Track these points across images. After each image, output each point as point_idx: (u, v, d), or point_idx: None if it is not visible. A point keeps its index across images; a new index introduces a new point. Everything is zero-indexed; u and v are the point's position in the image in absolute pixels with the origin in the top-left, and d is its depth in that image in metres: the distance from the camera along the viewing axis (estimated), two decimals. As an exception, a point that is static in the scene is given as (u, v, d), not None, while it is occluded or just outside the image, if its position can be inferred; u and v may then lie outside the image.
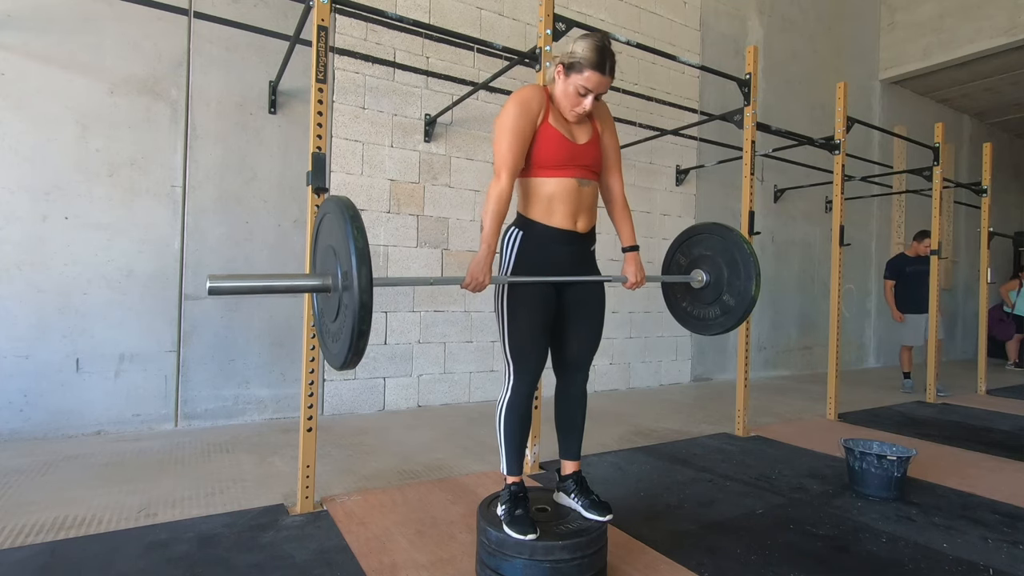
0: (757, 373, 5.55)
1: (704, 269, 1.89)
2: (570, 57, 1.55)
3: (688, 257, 1.96)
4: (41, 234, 2.81)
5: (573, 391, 1.76)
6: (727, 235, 1.90)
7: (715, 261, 1.87)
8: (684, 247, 2.00)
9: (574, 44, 1.57)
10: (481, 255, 1.53)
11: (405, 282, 1.62)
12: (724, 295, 1.82)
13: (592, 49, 1.53)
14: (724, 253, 1.86)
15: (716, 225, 1.97)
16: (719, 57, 5.22)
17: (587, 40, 1.55)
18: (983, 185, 5.16)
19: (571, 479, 1.69)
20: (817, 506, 2.21)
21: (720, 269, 1.85)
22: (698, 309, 1.91)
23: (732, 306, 1.81)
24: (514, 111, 1.56)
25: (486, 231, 1.56)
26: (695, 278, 1.89)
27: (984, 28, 6.13)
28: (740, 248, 1.83)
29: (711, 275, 1.87)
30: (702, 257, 1.91)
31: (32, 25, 2.79)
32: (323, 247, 1.37)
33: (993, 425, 3.80)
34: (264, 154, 3.34)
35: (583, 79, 1.55)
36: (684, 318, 1.97)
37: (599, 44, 1.54)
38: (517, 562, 1.41)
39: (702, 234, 1.97)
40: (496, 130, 1.59)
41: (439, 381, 3.85)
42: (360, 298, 1.14)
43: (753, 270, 1.78)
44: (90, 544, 1.72)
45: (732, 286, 1.81)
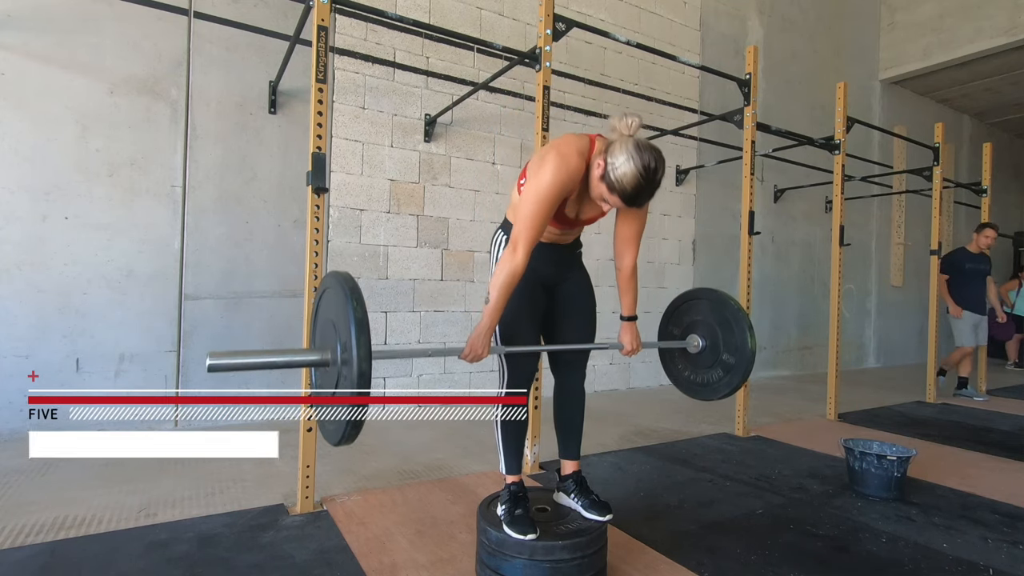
0: (757, 373, 5.53)
1: (698, 334, 1.90)
2: (612, 168, 1.40)
3: (680, 326, 1.98)
4: (41, 234, 2.81)
5: (571, 390, 1.77)
6: (712, 296, 1.92)
7: (707, 324, 1.89)
8: (675, 317, 2.01)
9: (624, 153, 1.38)
10: (483, 328, 1.47)
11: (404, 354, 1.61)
12: (723, 355, 1.83)
13: (632, 184, 1.38)
14: (714, 314, 1.88)
15: (699, 290, 2.00)
16: (719, 57, 5.22)
17: (634, 167, 1.37)
18: (983, 185, 5.16)
19: (571, 479, 1.69)
20: (817, 506, 2.21)
21: (714, 330, 1.87)
22: (701, 375, 1.92)
23: (733, 364, 1.81)
24: (555, 184, 1.42)
25: (491, 305, 1.46)
26: (691, 343, 1.91)
27: (984, 28, 6.13)
28: (728, 306, 1.85)
29: (706, 339, 1.88)
30: (694, 323, 1.94)
31: (32, 25, 2.79)
32: (323, 321, 1.36)
33: (993, 425, 3.80)
34: (264, 154, 3.34)
35: (612, 200, 1.45)
36: (690, 387, 1.97)
37: (641, 182, 1.38)
38: (517, 562, 1.41)
39: (688, 301, 1.99)
40: (529, 192, 1.44)
41: (439, 381, 3.85)
42: (359, 368, 1.11)
43: (745, 324, 1.80)
44: (90, 544, 1.72)
45: (728, 344, 1.82)
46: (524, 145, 4.17)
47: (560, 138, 1.53)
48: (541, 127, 2.50)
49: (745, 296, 3.25)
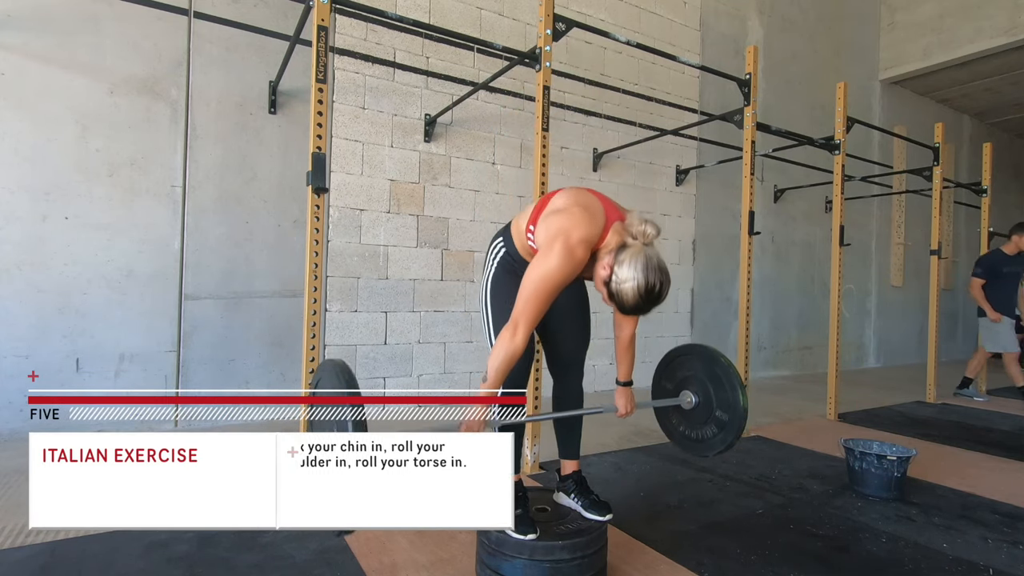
0: (757, 373, 5.55)
1: (691, 390, 1.91)
2: (616, 279, 1.40)
3: (673, 381, 1.99)
4: (41, 234, 2.81)
5: (569, 390, 1.77)
6: (702, 352, 1.93)
7: (699, 380, 1.90)
8: (667, 372, 2.01)
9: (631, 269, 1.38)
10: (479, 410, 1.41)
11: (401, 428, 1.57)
12: (716, 411, 1.84)
13: (631, 303, 1.40)
14: (705, 370, 1.89)
15: (689, 346, 2.01)
16: (719, 57, 5.22)
17: (636, 287, 1.37)
18: (983, 185, 5.16)
19: (571, 479, 1.69)
20: (817, 506, 2.21)
21: (705, 386, 1.88)
22: (695, 430, 1.93)
23: (726, 421, 1.82)
24: (560, 273, 1.39)
25: (489, 385, 1.41)
26: (684, 399, 1.91)
27: (984, 28, 6.13)
28: (717, 363, 1.86)
29: (699, 395, 1.89)
30: (686, 379, 1.94)
31: (32, 25, 2.79)
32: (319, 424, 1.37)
33: (993, 425, 3.80)
34: (264, 154, 3.34)
35: (609, 304, 1.46)
36: (685, 443, 1.97)
37: (641, 302, 1.39)
38: (517, 562, 1.41)
39: (679, 357, 1.99)
40: (533, 276, 1.39)
41: (439, 381, 3.85)
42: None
43: (736, 381, 1.81)
44: (90, 544, 1.72)
45: (720, 400, 1.83)
46: (524, 145, 4.17)
47: (571, 219, 1.44)
48: (541, 127, 2.50)
49: (745, 296, 3.25)
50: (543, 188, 2.53)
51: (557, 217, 1.47)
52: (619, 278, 1.39)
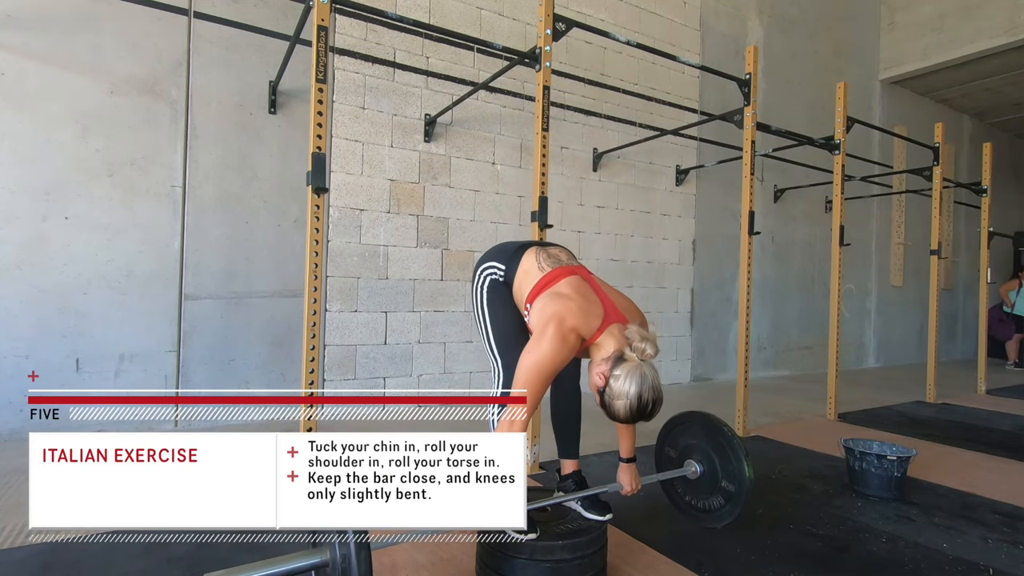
0: (757, 373, 5.55)
1: (695, 459, 1.91)
2: (609, 392, 1.41)
3: (676, 449, 1.98)
4: (41, 234, 2.81)
5: (567, 388, 1.77)
6: (704, 421, 1.92)
7: (702, 449, 1.89)
8: (671, 439, 2.01)
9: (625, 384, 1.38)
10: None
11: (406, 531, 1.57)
12: (722, 482, 1.84)
13: (623, 415, 1.41)
14: (708, 439, 1.88)
15: (690, 413, 1.99)
16: (719, 57, 5.22)
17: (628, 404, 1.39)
18: (983, 185, 5.16)
19: (571, 479, 1.69)
20: (817, 506, 2.21)
21: (710, 456, 1.87)
22: (701, 500, 1.92)
23: (733, 492, 1.81)
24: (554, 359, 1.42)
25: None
26: (689, 469, 1.90)
27: (984, 28, 6.13)
28: (721, 432, 1.85)
29: (703, 465, 1.88)
30: (689, 447, 1.93)
31: (32, 25, 2.79)
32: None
33: (993, 425, 3.80)
34: (264, 154, 3.34)
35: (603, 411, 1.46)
36: (691, 512, 1.95)
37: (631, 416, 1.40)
38: (517, 562, 1.41)
39: (681, 424, 1.98)
40: (528, 361, 1.42)
41: (439, 381, 3.85)
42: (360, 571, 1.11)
43: (740, 451, 1.80)
44: (90, 544, 1.72)
45: (726, 471, 1.83)
46: (524, 145, 4.17)
47: (566, 306, 1.46)
48: (541, 127, 2.50)
49: (745, 296, 3.25)
50: (543, 188, 2.53)
51: (553, 302, 1.48)
52: (613, 392, 1.40)
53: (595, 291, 1.56)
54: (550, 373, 1.43)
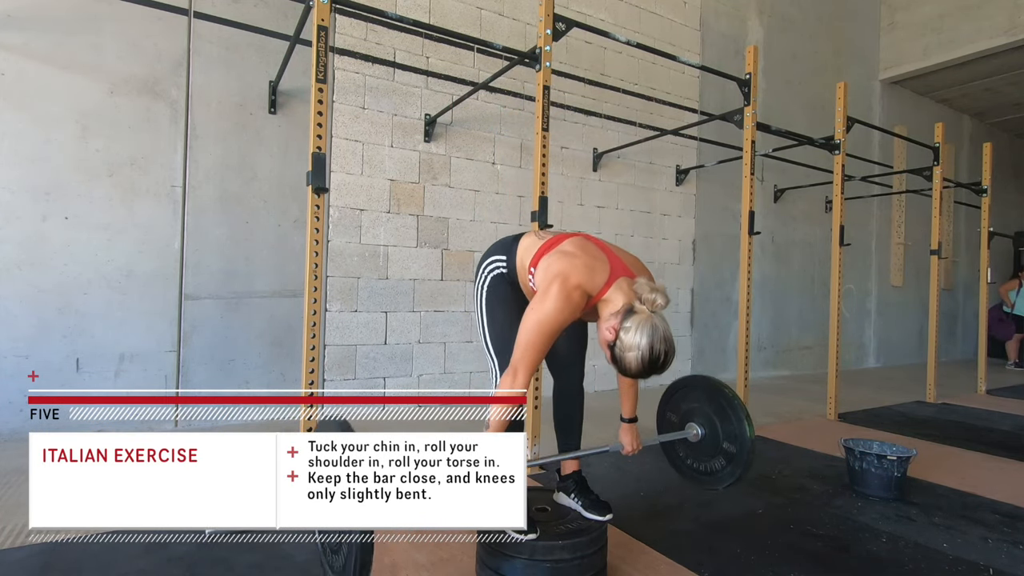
0: (757, 373, 5.54)
1: (697, 422, 1.90)
2: (620, 345, 1.38)
3: (678, 413, 1.98)
4: (41, 234, 2.81)
5: (569, 389, 1.77)
6: (705, 384, 1.92)
7: (704, 412, 1.89)
8: (672, 404, 2.01)
9: (636, 336, 1.35)
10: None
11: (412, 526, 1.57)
12: (723, 443, 1.84)
13: (634, 369, 1.38)
14: (709, 402, 1.88)
15: (691, 377, 2.00)
16: (719, 57, 5.22)
17: (640, 356, 1.36)
18: (983, 185, 5.16)
19: (571, 479, 1.69)
20: (817, 506, 2.21)
21: (711, 418, 1.87)
22: (702, 463, 1.92)
23: (734, 453, 1.81)
24: (557, 318, 1.39)
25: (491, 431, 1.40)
26: (690, 432, 1.91)
27: (984, 28, 6.12)
28: (721, 394, 1.85)
29: (705, 427, 1.88)
30: (691, 410, 1.94)
31: (32, 25, 2.79)
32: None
33: (993, 425, 3.80)
34: (264, 154, 3.34)
35: (611, 364, 1.44)
36: (693, 476, 1.96)
37: (643, 369, 1.37)
38: (517, 562, 1.41)
39: (683, 389, 1.99)
40: (530, 320, 1.41)
41: (439, 381, 3.85)
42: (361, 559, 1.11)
43: (741, 412, 1.80)
44: (90, 544, 1.72)
45: (727, 432, 1.83)
46: (524, 145, 4.17)
47: (571, 264, 1.45)
48: (541, 127, 2.50)
49: (745, 296, 3.25)
50: (543, 188, 2.53)
51: (558, 260, 1.47)
52: (624, 344, 1.37)
53: (600, 249, 1.54)
54: (553, 332, 1.41)
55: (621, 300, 1.43)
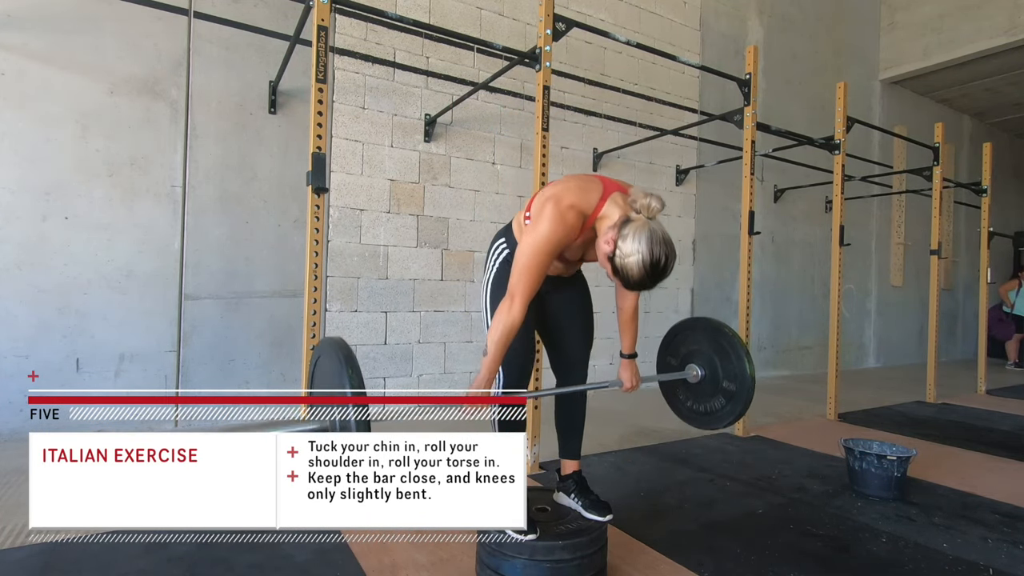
0: (757, 373, 5.54)
1: (696, 363, 1.90)
2: (620, 254, 1.36)
3: (678, 357, 1.98)
4: (41, 234, 2.81)
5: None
6: (706, 325, 1.93)
7: (703, 353, 1.89)
8: (671, 348, 2.01)
9: (635, 242, 1.34)
10: (481, 381, 1.44)
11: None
12: (723, 382, 1.84)
13: (636, 277, 1.36)
14: (709, 342, 1.88)
15: (692, 319, 2.01)
16: (719, 57, 5.22)
17: (641, 261, 1.34)
18: (983, 185, 5.16)
19: (571, 479, 1.69)
20: (817, 506, 2.21)
21: (711, 359, 1.87)
22: (702, 404, 1.92)
23: (734, 391, 1.81)
24: (551, 239, 1.39)
25: (489, 358, 1.43)
26: (690, 373, 1.91)
27: (984, 28, 6.12)
28: (721, 333, 1.86)
29: (705, 368, 1.88)
30: (691, 353, 1.94)
31: (32, 25, 2.79)
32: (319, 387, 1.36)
33: (993, 425, 3.80)
34: (264, 154, 3.34)
35: (613, 279, 1.43)
36: (692, 417, 1.96)
37: (646, 277, 1.35)
38: (517, 562, 1.41)
39: (682, 332, 1.99)
40: (525, 246, 1.41)
41: (439, 381, 3.85)
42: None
43: (741, 350, 1.81)
44: (90, 544, 1.72)
45: (727, 371, 1.83)
46: (524, 145, 4.17)
47: (564, 186, 1.46)
48: (541, 127, 2.50)
49: (745, 296, 3.25)
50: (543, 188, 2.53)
51: (549, 188, 1.50)
52: (623, 252, 1.35)
53: (589, 175, 1.56)
54: (548, 254, 1.40)
55: (617, 214, 1.42)
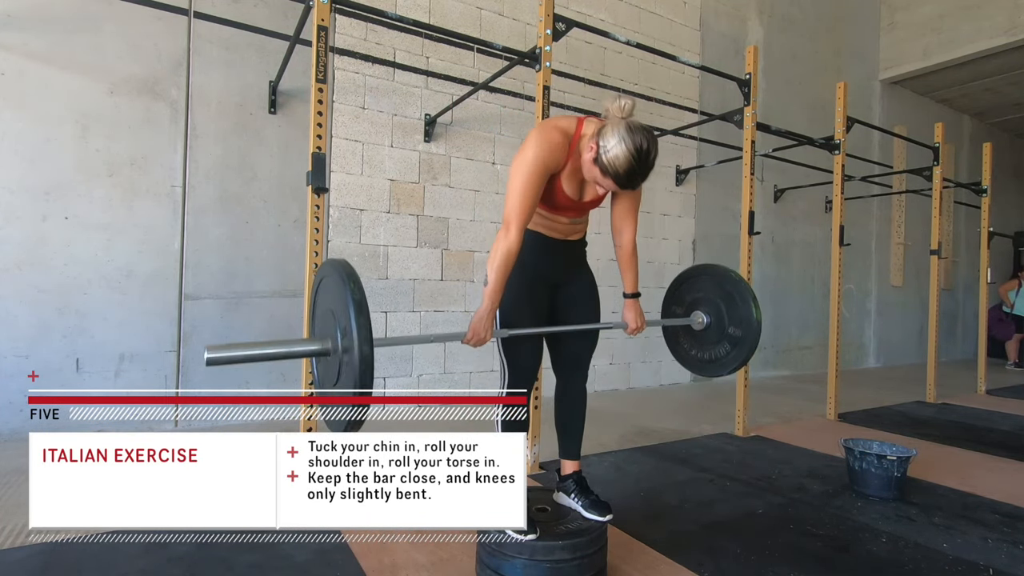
0: (757, 373, 5.54)
1: (702, 310, 1.89)
2: (604, 151, 1.40)
3: (683, 305, 1.97)
4: (41, 234, 2.81)
5: (572, 391, 1.77)
6: (713, 271, 1.92)
7: (710, 300, 1.88)
8: (677, 296, 2.00)
9: (616, 135, 1.39)
10: (484, 310, 1.48)
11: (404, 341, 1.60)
12: (729, 328, 1.82)
13: (625, 167, 1.39)
14: (715, 289, 1.87)
15: (700, 266, 2.00)
16: (719, 57, 5.22)
17: (626, 150, 1.38)
18: (983, 185, 5.16)
19: (571, 479, 1.69)
20: (817, 506, 2.21)
21: (717, 306, 1.85)
22: (707, 351, 1.90)
23: (740, 336, 1.80)
24: (537, 158, 1.44)
25: (490, 286, 1.46)
26: (695, 320, 1.89)
27: (984, 28, 6.12)
28: (729, 279, 1.84)
29: (710, 315, 1.87)
30: (696, 300, 1.93)
31: (32, 25, 2.79)
32: (322, 311, 1.34)
33: (993, 425, 3.80)
34: (264, 154, 3.34)
35: (606, 183, 1.46)
36: (697, 365, 1.95)
37: (634, 164, 1.39)
38: (517, 562, 1.41)
39: (690, 278, 1.98)
40: (513, 172, 1.46)
41: (439, 381, 3.85)
42: (360, 351, 1.10)
43: (748, 295, 1.79)
44: (90, 544, 1.72)
45: (733, 317, 1.81)
46: (524, 145, 4.16)
47: (544, 122, 1.59)
48: (541, 127, 2.49)
49: (745, 296, 3.25)
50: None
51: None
52: (606, 148, 1.40)
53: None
54: (538, 174, 1.45)
55: (596, 126, 1.48)
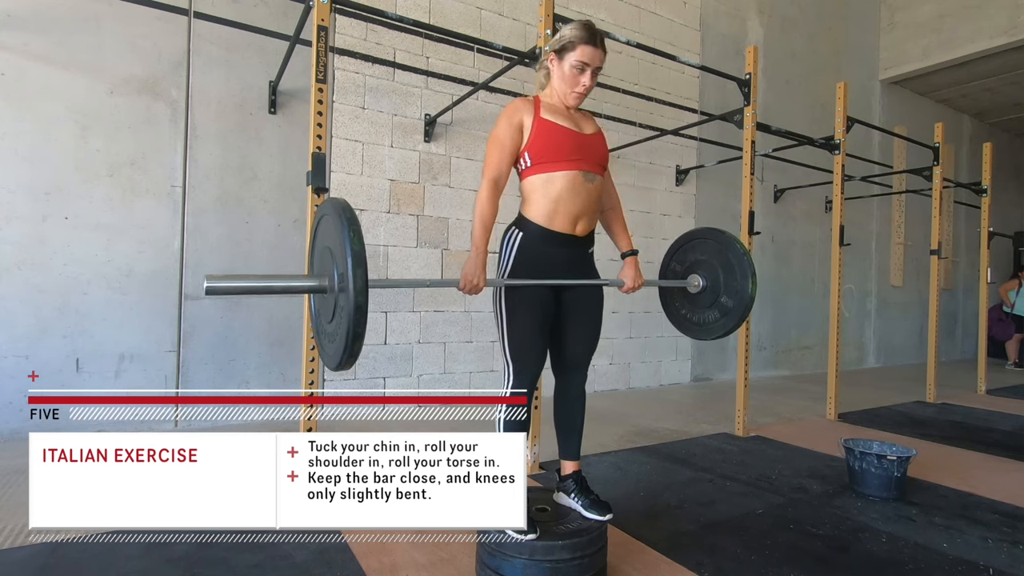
0: (757, 373, 5.54)
1: (700, 274, 1.90)
2: (559, 42, 1.62)
3: (683, 264, 1.98)
4: (41, 234, 2.81)
5: (572, 391, 1.77)
6: (720, 238, 1.92)
7: (710, 264, 1.89)
8: (679, 254, 2.00)
9: (560, 32, 1.64)
10: (472, 259, 1.60)
11: (400, 284, 1.67)
12: (721, 297, 1.83)
13: (578, 27, 1.61)
14: (718, 255, 1.88)
15: (709, 229, 1.99)
16: (719, 57, 5.22)
17: (571, 23, 1.63)
18: (983, 185, 5.16)
19: (571, 479, 1.69)
20: (817, 506, 2.20)
21: (716, 272, 1.86)
22: (697, 314, 1.91)
23: (730, 307, 1.81)
24: (501, 122, 1.63)
25: (475, 236, 1.62)
26: (691, 283, 1.91)
27: (984, 28, 6.13)
28: (733, 249, 1.85)
29: (707, 279, 1.88)
30: (697, 262, 1.93)
31: (32, 25, 2.79)
32: (321, 248, 1.37)
33: (993, 425, 3.80)
34: (264, 154, 3.34)
35: (576, 54, 1.60)
36: (684, 325, 1.97)
37: (584, 22, 1.63)
38: (517, 562, 1.41)
39: (696, 239, 1.98)
40: (492, 134, 1.66)
41: (439, 381, 3.85)
42: (355, 300, 1.15)
43: (748, 269, 1.79)
44: (90, 544, 1.72)
45: (728, 287, 1.82)
46: (524, 145, 4.16)
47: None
48: (541, 127, 2.49)
49: (745, 296, 3.25)
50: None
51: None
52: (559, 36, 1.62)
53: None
54: (507, 136, 1.63)
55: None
